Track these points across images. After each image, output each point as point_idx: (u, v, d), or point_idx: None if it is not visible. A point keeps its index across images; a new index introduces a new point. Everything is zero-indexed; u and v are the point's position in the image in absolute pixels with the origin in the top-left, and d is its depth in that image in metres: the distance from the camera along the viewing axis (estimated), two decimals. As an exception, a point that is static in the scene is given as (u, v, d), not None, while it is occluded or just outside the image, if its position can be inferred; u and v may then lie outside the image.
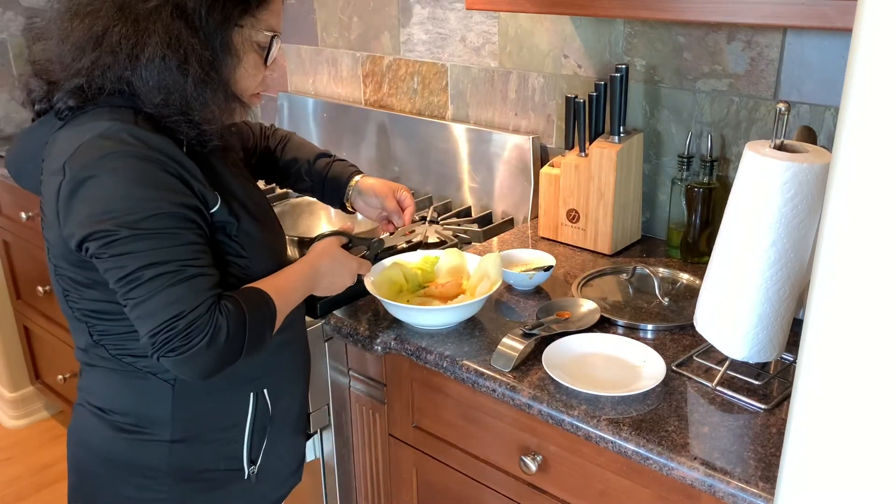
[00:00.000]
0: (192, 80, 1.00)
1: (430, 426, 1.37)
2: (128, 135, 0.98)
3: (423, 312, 1.29)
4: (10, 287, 2.64)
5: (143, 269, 0.96)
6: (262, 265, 1.12)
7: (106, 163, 0.96)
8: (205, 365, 0.99)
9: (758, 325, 1.06)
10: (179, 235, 0.99)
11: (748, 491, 0.94)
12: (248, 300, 1.04)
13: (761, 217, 1.02)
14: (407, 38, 2.08)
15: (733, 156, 1.56)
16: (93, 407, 1.15)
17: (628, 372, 1.18)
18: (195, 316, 0.97)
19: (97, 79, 1.01)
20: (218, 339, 0.98)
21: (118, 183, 0.96)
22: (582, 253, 1.63)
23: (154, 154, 0.99)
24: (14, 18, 2.56)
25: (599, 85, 1.55)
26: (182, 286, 0.97)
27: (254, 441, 1.19)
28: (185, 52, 0.99)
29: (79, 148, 0.98)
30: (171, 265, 0.97)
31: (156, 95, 1.00)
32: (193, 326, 0.96)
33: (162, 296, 0.96)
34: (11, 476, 2.53)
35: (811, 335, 0.72)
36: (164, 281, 0.96)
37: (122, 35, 0.98)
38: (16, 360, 2.76)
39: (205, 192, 1.04)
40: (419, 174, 2.08)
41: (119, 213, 0.96)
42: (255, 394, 1.18)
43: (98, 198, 0.96)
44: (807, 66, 1.42)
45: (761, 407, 1.09)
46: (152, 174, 0.98)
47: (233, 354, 1.02)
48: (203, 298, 0.98)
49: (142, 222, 0.96)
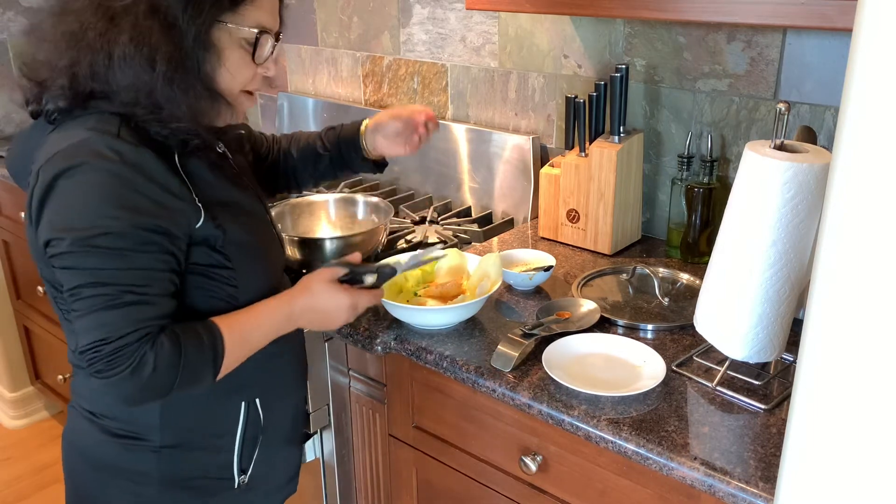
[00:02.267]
0: (160, 77, 0.98)
1: (430, 426, 1.37)
2: (105, 147, 0.97)
3: (423, 312, 1.29)
4: (10, 287, 2.64)
5: (83, 287, 0.95)
6: (250, 275, 1.10)
7: (75, 173, 0.95)
8: (127, 394, 0.97)
9: (758, 325, 1.06)
10: (130, 258, 0.96)
11: (748, 491, 0.94)
12: (191, 339, 1.00)
13: (761, 217, 1.02)
14: (407, 38, 2.08)
15: (733, 156, 1.56)
16: (84, 410, 1.14)
17: (628, 372, 1.18)
18: (121, 344, 0.95)
19: (81, 79, 1.00)
20: (141, 372, 0.95)
21: (81, 195, 0.95)
22: (582, 253, 1.63)
23: (126, 171, 0.96)
24: (14, 18, 2.56)
25: (599, 85, 1.55)
26: (115, 312, 0.95)
27: (244, 450, 1.18)
28: (153, 49, 0.97)
29: (55, 155, 0.97)
30: (110, 288, 0.95)
31: (126, 94, 0.99)
32: (118, 354, 0.94)
33: (94, 317, 0.95)
34: (11, 476, 2.53)
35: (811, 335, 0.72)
36: (99, 302, 0.95)
37: (98, 32, 0.97)
38: (16, 360, 2.76)
39: (185, 208, 1.01)
40: (419, 174, 2.08)
41: (74, 225, 0.94)
42: (246, 403, 1.16)
43: (60, 207, 0.96)
44: (807, 66, 1.42)
45: (761, 407, 1.09)
46: (118, 191, 0.96)
47: (159, 390, 0.99)
48: (135, 327, 0.96)
49: (94, 239, 0.94)
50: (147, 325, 0.97)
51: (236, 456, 1.17)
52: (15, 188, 2.33)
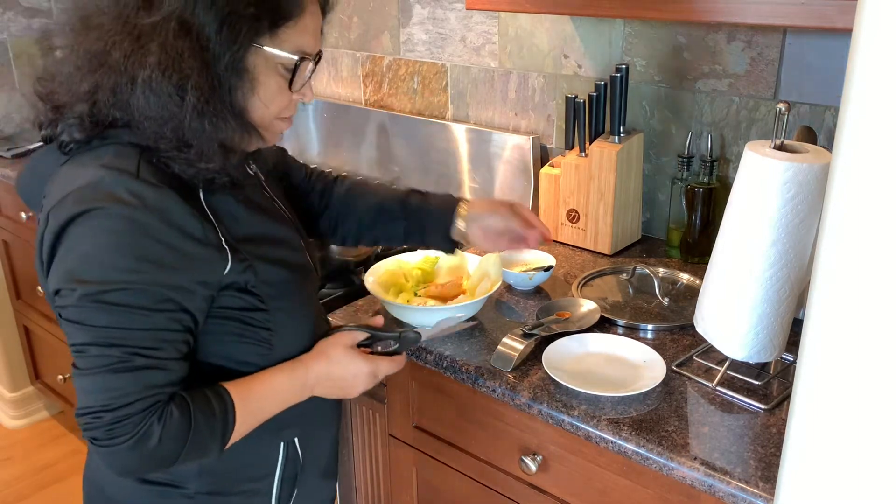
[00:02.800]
0: (189, 109, 0.87)
1: (430, 426, 1.37)
2: (124, 189, 0.86)
3: (423, 312, 1.29)
4: (10, 287, 2.64)
5: (89, 345, 0.86)
6: (285, 315, 1.02)
7: (89, 219, 0.85)
8: (124, 465, 0.89)
9: (758, 325, 1.06)
10: (144, 318, 0.87)
11: (748, 491, 0.94)
12: (201, 410, 0.92)
13: (761, 217, 1.02)
14: (407, 38, 2.08)
15: (733, 156, 1.56)
16: None
17: (628, 372, 1.18)
18: (126, 413, 0.86)
19: (102, 105, 0.90)
20: (145, 444, 0.87)
21: (94, 244, 0.86)
22: (582, 253, 1.63)
23: (146, 217, 0.86)
24: (14, 18, 2.56)
25: (599, 85, 1.55)
26: (123, 376, 0.86)
27: (283, 491, 1.11)
28: (182, 76, 0.86)
29: (66, 197, 0.87)
30: (119, 350, 0.86)
31: (150, 125, 0.88)
32: (120, 423, 0.86)
33: (97, 379, 0.86)
34: (11, 476, 2.53)
35: (811, 335, 0.72)
36: (105, 364, 0.86)
37: (123, 53, 0.87)
38: (16, 360, 2.76)
39: (211, 256, 0.92)
40: (419, 174, 2.08)
41: (85, 277, 0.85)
42: (285, 443, 1.09)
43: (72, 256, 0.86)
44: (807, 66, 1.42)
45: (761, 407, 1.09)
46: (136, 241, 0.86)
47: (162, 462, 0.91)
48: (143, 395, 0.87)
49: (106, 294, 0.85)
50: (156, 393, 0.88)
51: (274, 498, 1.10)
52: (15, 188, 2.33)
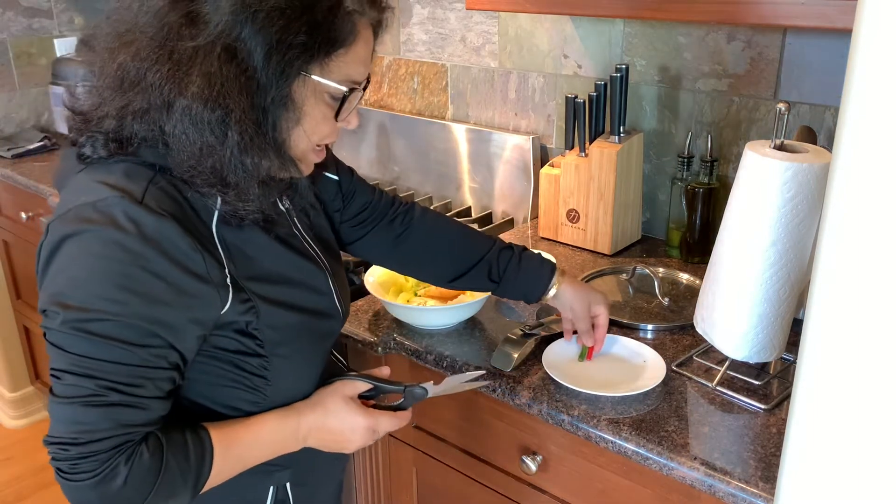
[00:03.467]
0: (230, 145, 0.82)
1: (430, 426, 1.37)
2: (122, 213, 0.80)
3: (423, 312, 1.29)
4: (10, 287, 2.64)
5: (65, 373, 0.80)
6: (286, 362, 0.95)
7: (82, 240, 0.80)
8: (83, 502, 0.83)
9: (758, 325, 1.06)
10: (126, 352, 0.81)
11: (748, 491, 0.94)
12: (174, 453, 0.86)
13: (761, 217, 1.02)
14: (407, 38, 2.08)
15: (733, 156, 1.56)
16: None
17: (628, 372, 1.18)
18: (92, 449, 0.81)
19: (129, 125, 0.85)
20: (109, 484, 0.81)
21: (84, 268, 0.80)
22: (582, 253, 1.63)
23: (142, 247, 0.80)
24: (14, 18, 2.56)
25: (599, 85, 1.55)
26: (94, 410, 0.80)
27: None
28: (227, 109, 0.80)
29: (66, 213, 0.82)
30: (95, 382, 0.80)
31: (186, 158, 0.83)
32: (85, 459, 0.80)
33: (69, 409, 0.81)
34: (11, 476, 2.53)
35: (811, 335, 0.72)
36: (79, 395, 0.80)
37: (162, 77, 0.81)
38: (16, 360, 2.76)
39: (208, 293, 0.85)
40: (419, 174, 2.08)
41: (71, 302, 0.80)
42: (275, 487, 1.02)
43: (60, 275, 0.81)
44: (807, 66, 1.42)
45: (761, 407, 1.09)
46: (129, 271, 0.80)
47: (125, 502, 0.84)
48: (114, 433, 0.81)
49: (90, 323, 0.79)
50: (129, 433, 0.82)
51: None
52: (15, 188, 2.33)
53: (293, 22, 0.81)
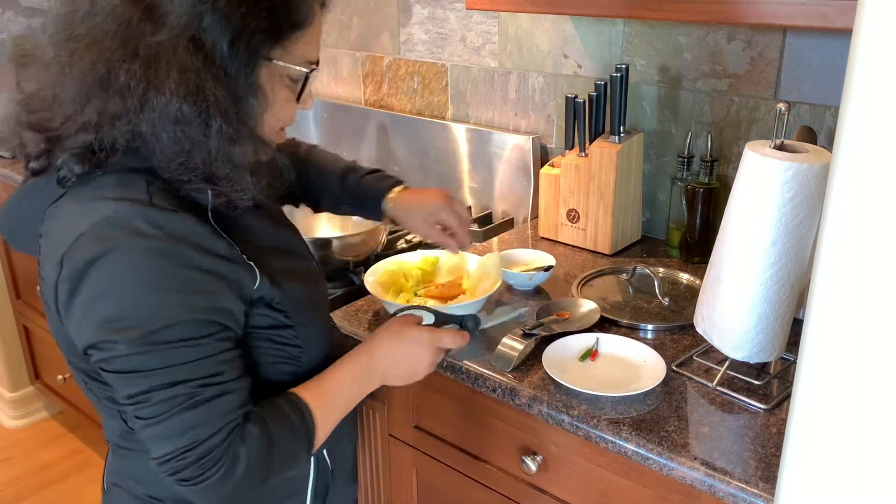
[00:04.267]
0: (215, 136, 0.81)
1: (430, 426, 1.37)
2: (142, 221, 0.80)
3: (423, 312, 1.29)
4: (10, 287, 2.64)
5: (152, 392, 0.81)
6: (310, 328, 0.98)
7: (113, 260, 0.79)
8: (219, 496, 0.86)
9: (758, 325, 1.06)
10: (200, 346, 0.83)
11: (748, 491, 0.94)
12: (279, 423, 0.89)
13: (761, 217, 1.02)
14: (407, 38, 2.08)
15: (733, 156, 1.56)
16: (142, 494, 1.01)
17: (628, 372, 1.18)
18: (210, 446, 0.83)
19: (107, 132, 0.82)
20: (234, 471, 0.85)
21: (127, 286, 0.79)
22: (582, 253, 1.63)
23: (174, 246, 0.81)
24: (14, 18, 2.56)
25: (599, 85, 1.55)
26: (199, 410, 0.82)
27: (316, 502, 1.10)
28: (206, 102, 0.80)
29: (79, 238, 0.80)
30: (188, 385, 0.82)
31: (173, 157, 0.82)
32: (207, 458, 0.83)
33: (175, 421, 0.82)
34: (11, 476, 2.53)
35: (811, 335, 0.72)
36: (179, 403, 0.82)
37: (131, 76, 0.79)
38: (16, 360, 2.76)
39: (239, 272, 0.87)
40: (419, 174, 2.08)
41: (127, 323, 0.79)
42: (315, 457, 1.06)
43: (101, 303, 0.80)
44: (807, 66, 1.42)
45: (761, 407, 1.09)
46: (170, 273, 0.81)
47: (253, 482, 0.88)
48: (222, 424, 0.84)
49: (154, 335, 0.80)
50: (232, 419, 0.85)
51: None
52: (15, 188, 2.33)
53: (254, 8, 0.82)
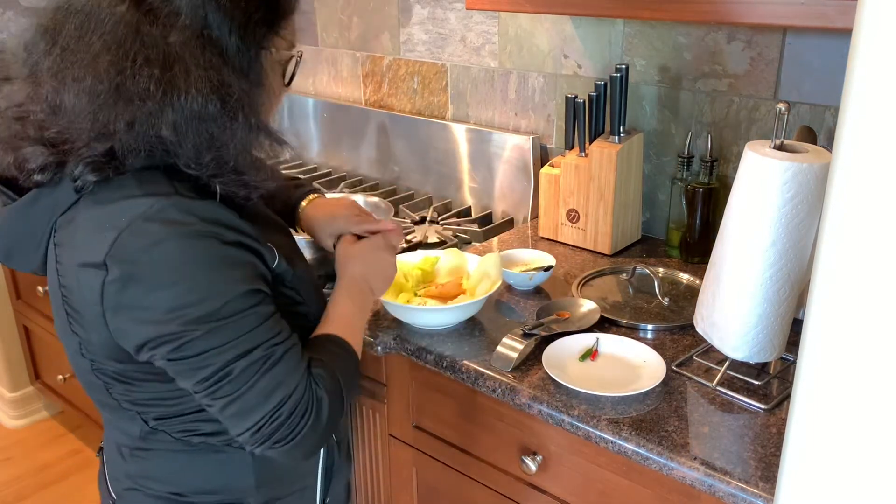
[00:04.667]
0: (242, 128, 0.84)
1: (430, 426, 1.37)
2: (177, 211, 0.83)
3: (423, 312, 1.29)
4: (10, 287, 2.64)
5: (231, 364, 0.85)
6: (315, 306, 1.04)
7: (159, 252, 0.82)
8: (314, 443, 0.92)
9: (758, 325, 1.06)
10: (257, 313, 0.87)
11: (748, 491, 0.94)
12: (330, 354, 0.96)
13: (761, 217, 1.02)
14: (407, 38, 2.08)
15: (733, 156, 1.56)
16: (163, 493, 1.02)
17: (628, 372, 1.18)
18: (297, 398, 0.88)
19: (126, 139, 0.82)
20: (321, 413, 0.91)
21: (181, 273, 0.83)
22: (582, 253, 1.63)
23: (210, 228, 0.84)
24: (14, 18, 2.56)
25: (599, 85, 1.55)
26: (276, 369, 0.87)
27: (326, 479, 1.15)
28: (231, 96, 0.82)
29: (119, 237, 0.82)
30: (260, 350, 0.86)
31: (202, 153, 0.83)
32: (296, 411, 0.88)
33: (259, 386, 0.86)
34: (11, 476, 2.53)
35: (811, 335, 0.72)
36: (258, 369, 0.86)
37: (150, 80, 0.79)
38: (16, 360, 2.75)
39: (262, 249, 0.91)
40: (419, 174, 2.08)
41: (188, 309, 0.83)
42: (325, 449, 1.12)
43: (158, 295, 0.83)
44: (807, 66, 1.42)
45: (761, 407, 1.09)
46: (214, 253, 0.84)
47: (337, 416, 0.94)
48: (299, 376, 0.89)
49: (216, 313, 0.84)
50: (303, 369, 0.91)
51: (319, 488, 1.13)
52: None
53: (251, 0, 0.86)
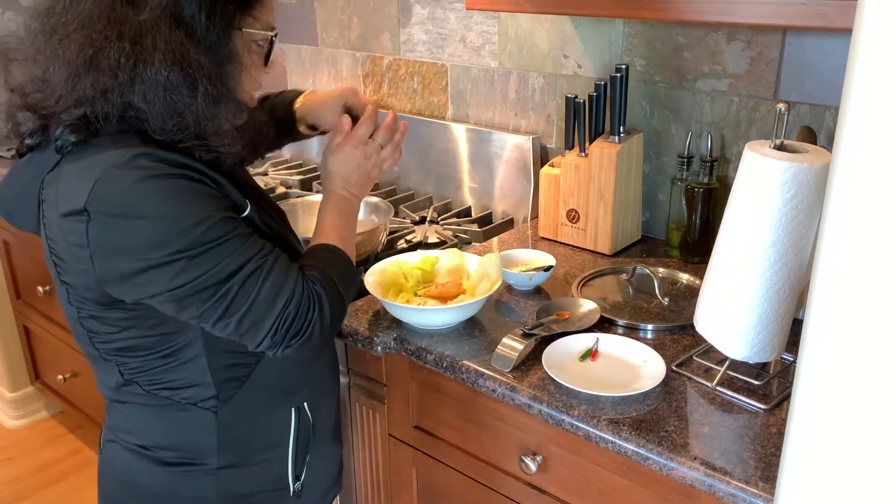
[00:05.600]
0: (202, 98, 0.91)
1: (430, 426, 1.37)
2: (147, 159, 0.90)
3: (423, 312, 1.29)
4: (10, 287, 2.64)
5: (227, 283, 0.92)
6: None
7: (134, 193, 0.88)
8: (325, 335, 1.02)
9: (758, 325, 1.06)
10: (238, 234, 0.94)
11: (748, 491, 0.94)
12: (321, 260, 1.05)
13: (761, 217, 1.02)
14: (407, 38, 2.08)
15: (733, 156, 1.56)
16: (131, 444, 1.09)
17: (628, 372, 1.18)
18: (298, 298, 0.97)
19: (100, 105, 0.91)
20: (324, 308, 1.00)
21: (156, 209, 0.88)
22: (582, 253, 1.63)
23: (179, 170, 0.91)
24: (14, 18, 2.56)
25: (599, 85, 1.55)
26: (273, 277, 0.95)
27: (298, 456, 1.18)
28: (191, 68, 0.89)
29: (95, 185, 0.89)
30: (252, 263, 0.94)
31: (167, 119, 0.91)
32: (301, 308, 0.97)
33: (263, 293, 0.94)
34: (11, 476, 2.53)
35: (811, 335, 0.72)
36: (257, 278, 0.94)
37: (120, 53, 0.88)
38: (16, 360, 2.76)
39: (235, 197, 0.99)
40: (419, 174, 2.08)
41: (172, 239, 0.89)
42: (296, 409, 1.16)
43: (140, 232, 0.89)
44: (807, 66, 1.42)
45: (761, 407, 1.09)
46: (187, 186, 0.91)
47: (340, 309, 1.04)
48: (295, 275, 0.98)
49: (200, 240, 0.90)
50: (296, 269, 0.99)
51: (290, 464, 1.17)
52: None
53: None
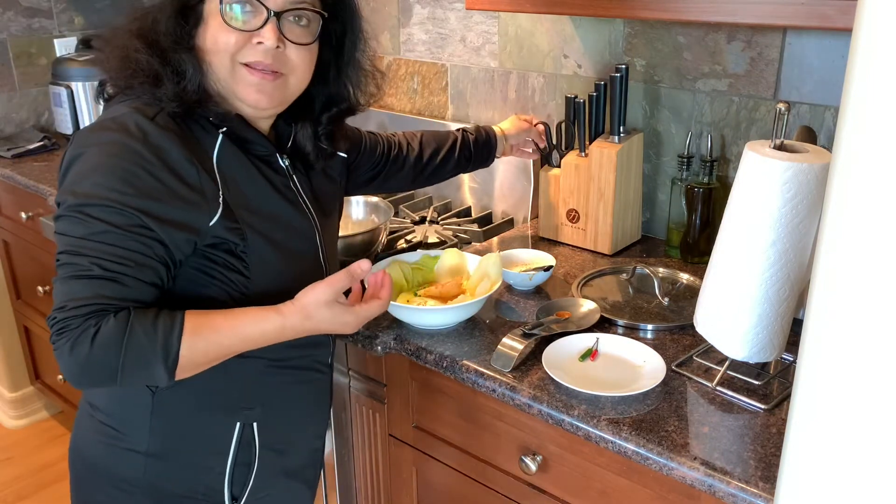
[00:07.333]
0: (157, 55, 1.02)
1: (430, 426, 1.37)
2: (133, 123, 0.98)
3: (423, 312, 1.29)
4: (10, 287, 2.64)
5: (64, 254, 0.95)
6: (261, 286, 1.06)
7: (96, 141, 0.97)
8: (69, 369, 0.92)
9: (758, 325, 1.06)
10: (115, 235, 0.93)
11: (748, 491, 0.94)
12: (143, 322, 0.93)
13: (761, 217, 1.02)
14: (407, 38, 2.08)
15: (733, 156, 1.56)
16: (86, 402, 1.14)
17: (628, 372, 1.18)
18: (71, 315, 0.91)
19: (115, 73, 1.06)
20: (81, 347, 0.90)
21: (95, 164, 0.96)
22: (582, 253, 1.63)
23: (145, 150, 0.96)
24: (14, 18, 2.56)
25: (599, 85, 1.55)
26: (78, 282, 0.93)
27: (235, 476, 1.12)
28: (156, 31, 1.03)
29: (93, 124, 1.01)
30: (85, 259, 0.93)
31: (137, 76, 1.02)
32: (66, 325, 0.91)
33: (62, 285, 0.94)
34: (11, 476, 2.53)
35: (811, 335, 0.72)
36: (70, 272, 0.93)
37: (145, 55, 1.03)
38: (16, 360, 2.76)
39: (200, 202, 0.99)
40: (419, 174, 2.08)
41: (77, 190, 0.95)
42: (241, 425, 1.11)
43: (75, 172, 0.97)
44: (807, 66, 1.42)
45: (761, 407, 1.09)
46: (130, 168, 0.95)
47: (103, 369, 0.92)
48: (91, 301, 0.91)
49: (88, 208, 0.94)
50: (105, 303, 0.92)
51: (227, 480, 1.12)
52: (15, 188, 2.33)
53: None
